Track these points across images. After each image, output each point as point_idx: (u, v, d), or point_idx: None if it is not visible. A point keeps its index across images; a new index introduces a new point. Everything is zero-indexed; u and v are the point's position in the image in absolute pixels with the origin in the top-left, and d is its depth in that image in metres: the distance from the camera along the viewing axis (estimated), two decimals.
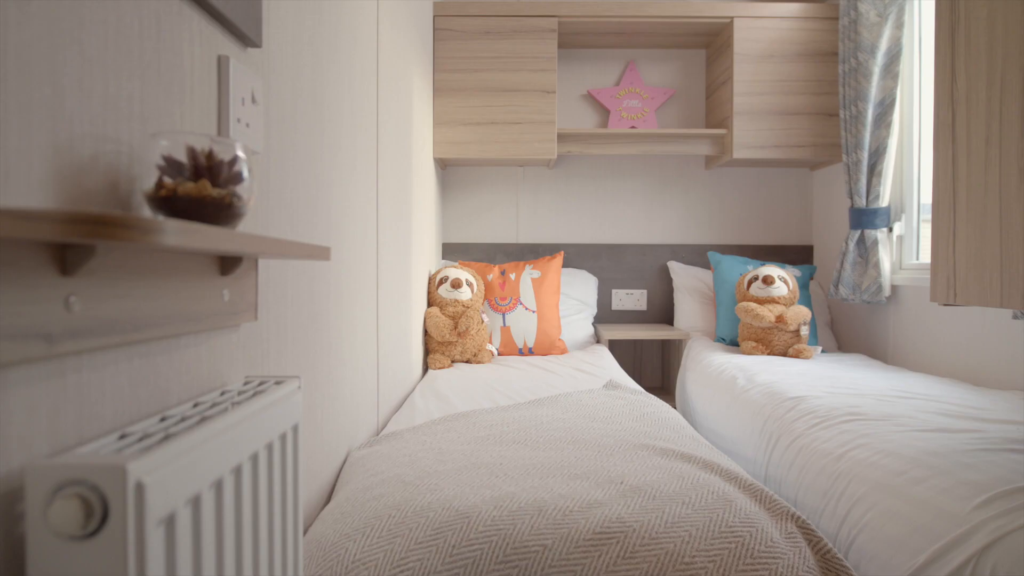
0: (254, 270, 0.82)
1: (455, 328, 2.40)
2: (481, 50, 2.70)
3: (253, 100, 0.83)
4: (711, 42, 2.98)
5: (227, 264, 0.73)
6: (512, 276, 2.68)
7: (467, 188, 3.10)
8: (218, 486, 0.57)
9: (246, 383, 0.77)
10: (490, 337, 2.58)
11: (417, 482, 1.07)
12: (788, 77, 2.71)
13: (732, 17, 2.71)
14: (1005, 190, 1.14)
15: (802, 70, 2.71)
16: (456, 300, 2.46)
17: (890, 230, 2.46)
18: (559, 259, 2.76)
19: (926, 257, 2.41)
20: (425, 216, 2.47)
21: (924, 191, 2.42)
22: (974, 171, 1.22)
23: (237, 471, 0.61)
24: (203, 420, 0.58)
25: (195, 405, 0.65)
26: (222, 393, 0.71)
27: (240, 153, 0.60)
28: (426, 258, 2.52)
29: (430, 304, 2.52)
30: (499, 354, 2.61)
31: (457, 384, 2.00)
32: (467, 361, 2.46)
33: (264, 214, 0.90)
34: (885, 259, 2.42)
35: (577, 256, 3.10)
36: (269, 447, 0.69)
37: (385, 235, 1.71)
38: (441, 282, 2.50)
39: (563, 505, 0.97)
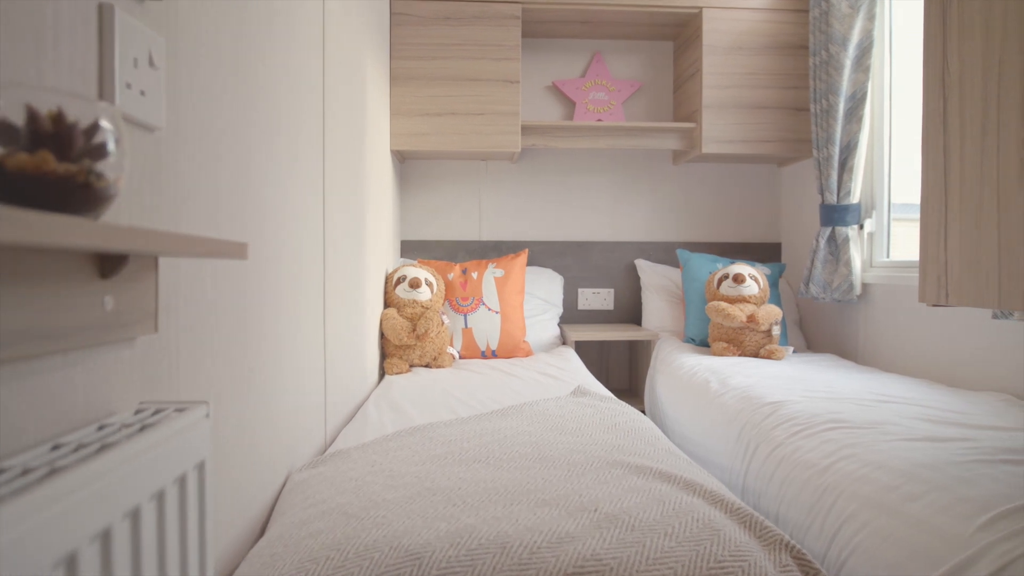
0: (152, 271, 0.67)
1: (413, 330, 2.25)
2: (441, 36, 2.56)
3: (151, 63, 0.68)
4: (679, 33, 2.89)
5: (109, 264, 0.58)
6: (474, 275, 2.55)
7: (427, 183, 2.95)
8: (70, 563, 0.43)
9: (138, 411, 0.62)
10: (451, 340, 2.44)
11: (362, 514, 0.93)
12: (757, 70, 2.64)
13: (701, 7, 2.62)
14: (1004, 182, 1.06)
15: (771, 63, 2.65)
16: (415, 301, 2.31)
17: (861, 227, 2.41)
18: (523, 257, 2.64)
19: (897, 255, 2.36)
20: (381, 212, 2.32)
21: (895, 188, 2.37)
22: (968, 162, 1.14)
23: (104, 537, 0.46)
24: (53, 472, 0.44)
25: (54, 448, 0.50)
26: (100, 428, 0.56)
27: (105, 121, 0.46)
28: (383, 256, 2.36)
29: (387, 305, 2.37)
30: (461, 357, 2.48)
31: (415, 392, 1.85)
32: (427, 365, 2.32)
33: (171, 204, 0.74)
34: (856, 257, 2.36)
35: (542, 254, 2.98)
36: (159, 496, 0.55)
37: (334, 231, 1.55)
38: (399, 282, 2.35)
39: (530, 540, 0.84)
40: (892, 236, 2.38)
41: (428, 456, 1.20)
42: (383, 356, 2.32)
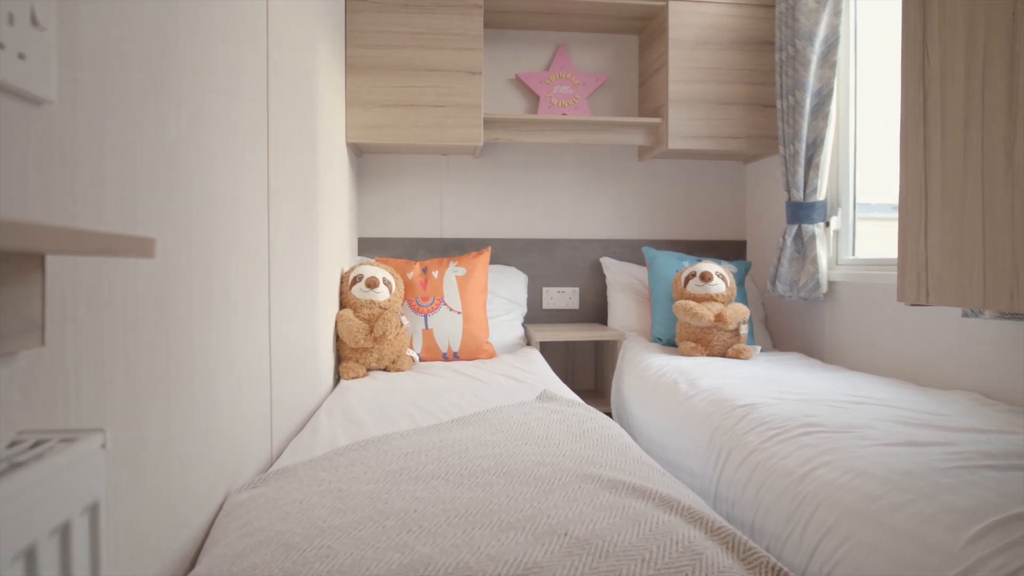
0: (36, 273, 0.55)
1: (371, 332, 2.14)
2: (399, 24, 2.44)
3: (34, 22, 0.56)
4: (644, 27, 2.84)
5: None
6: (435, 274, 2.45)
7: (386, 178, 2.83)
8: None
9: (13, 444, 0.51)
10: (411, 342, 2.33)
11: (304, 544, 0.83)
12: (724, 65, 2.60)
13: (667, 0, 2.57)
14: (989, 176, 1.01)
15: (738, 58, 2.61)
16: (372, 301, 2.20)
17: (827, 225, 2.39)
18: (486, 255, 2.55)
19: (862, 253, 2.35)
20: (337, 208, 2.19)
21: (860, 186, 2.36)
22: (950, 156, 1.09)
23: None
24: None
25: None
26: None
27: None
28: (338, 254, 2.24)
29: (343, 306, 2.25)
30: (421, 360, 2.37)
31: (371, 398, 1.75)
32: (385, 369, 2.21)
33: (67, 193, 0.63)
34: (822, 255, 2.34)
35: (505, 252, 2.89)
36: (28, 554, 0.44)
37: (281, 228, 1.44)
38: (355, 281, 2.23)
39: (493, 572, 0.75)
40: (858, 234, 2.37)
41: (382, 472, 1.10)
42: (338, 360, 2.20)
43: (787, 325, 2.71)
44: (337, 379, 2.16)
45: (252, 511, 0.97)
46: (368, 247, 2.80)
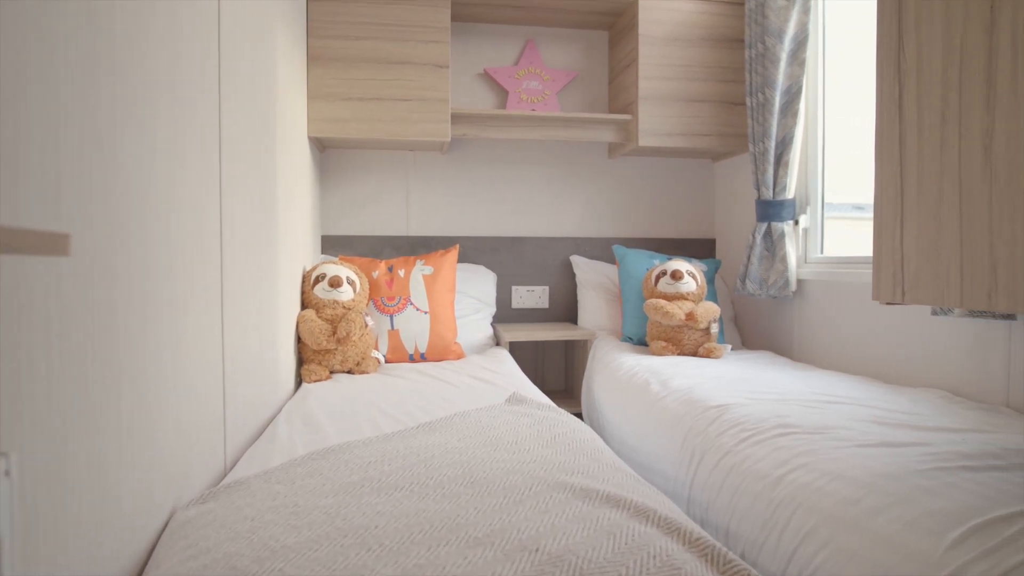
0: None
1: (334, 333, 2.06)
2: (364, 15, 2.36)
3: None
4: (614, 23, 2.81)
5: None
6: (401, 273, 2.38)
7: (350, 174, 2.74)
8: None
9: None
10: (376, 343, 2.26)
11: (254, 567, 0.76)
12: (694, 62, 2.59)
13: None
14: (966, 172, 0.99)
15: (708, 56, 2.60)
16: (335, 301, 2.12)
17: (796, 223, 2.39)
18: (454, 253, 2.49)
19: (830, 251, 2.35)
20: (298, 204, 2.10)
21: (828, 184, 2.36)
22: (926, 152, 1.07)
23: None
24: None
25: None
26: None
27: None
28: (299, 253, 2.15)
29: (305, 306, 2.16)
30: (387, 361, 2.30)
31: (334, 402, 1.67)
32: (349, 371, 2.13)
33: None
34: (791, 253, 2.34)
35: (473, 250, 2.83)
36: None
37: (235, 224, 1.35)
38: (317, 280, 2.15)
39: None
40: (826, 232, 2.37)
41: (342, 484, 1.03)
42: (300, 362, 2.11)
43: (756, 323, 2.70)
44: (299, 382, 2.07)
45: (199, 530, 0.89)
46: (332, 245, 2.71)
